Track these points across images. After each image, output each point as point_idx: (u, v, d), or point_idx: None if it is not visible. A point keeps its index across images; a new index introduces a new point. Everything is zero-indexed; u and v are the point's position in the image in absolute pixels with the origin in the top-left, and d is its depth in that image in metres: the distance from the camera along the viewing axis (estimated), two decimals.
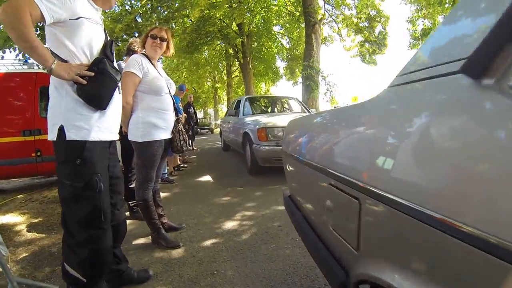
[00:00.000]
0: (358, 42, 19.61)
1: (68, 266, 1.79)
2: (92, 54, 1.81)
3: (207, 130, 28.75)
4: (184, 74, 29.33)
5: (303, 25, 15.27)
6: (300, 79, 15.37)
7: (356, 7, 17.05)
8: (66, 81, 1.71)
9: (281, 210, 3.77)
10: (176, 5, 17.20)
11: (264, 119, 6.25)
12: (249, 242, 2.95)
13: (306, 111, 8.55)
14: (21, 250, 3.11)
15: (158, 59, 3.13)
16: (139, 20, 16.61)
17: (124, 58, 4.19)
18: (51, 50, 1.72)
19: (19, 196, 5.57)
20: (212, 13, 18.13)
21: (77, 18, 1.69)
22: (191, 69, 27.04)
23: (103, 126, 1.85)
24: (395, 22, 17.29)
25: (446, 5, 13.28)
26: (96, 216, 1.78)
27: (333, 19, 18.80)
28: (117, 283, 2.28)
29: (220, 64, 30.43)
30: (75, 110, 1.72)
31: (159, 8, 17.03)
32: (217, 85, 35.89)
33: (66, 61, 1.71)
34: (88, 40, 1.77)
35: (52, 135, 1.72)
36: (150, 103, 2.82)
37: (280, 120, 6.06)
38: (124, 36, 15.74)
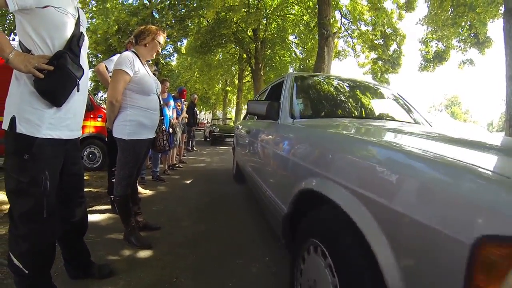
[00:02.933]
0: (371, 59, 19.55)
1: (12, 255, 1.78)
2: (55, 45, 1.75)
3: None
4: (196, 73, 29.46)
5: (317, 37, 15.21)
6: None
7: (373, 24, 17.00)
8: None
9: (262, 224, 3.75)
10: (195, 4, 17.37)
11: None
12: (218, 253, 2.89)
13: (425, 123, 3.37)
14: (1, 228, 3.13)
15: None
16: (156, 15, 16.75)
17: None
18: (19, 40, 1.71)
19: None
20: (228, 16, 18.24)
21: (44, 7, 1.65)
22: (203, 69, 27.13)
23: (59, 124, 1.80)
24: (408, 40, 17.19)
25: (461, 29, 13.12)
26: (38, 212, 1.75)
27: (348, 34, 18.79)
28: (76, 275, 2.27)
29: (233, 68, 30.50)
30: (29, 103, 1.69)
31: (177, 5, 17.20)
32: (227, 88, 35.97)
33: (29, 51, 1.68)
34: (52, 31, 1.72)
35: (5, 124, 1.69)
36: (139, 103, 2.82)
37: None
38: None
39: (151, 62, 3.24)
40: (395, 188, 1.04)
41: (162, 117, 3.12)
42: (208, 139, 18.63)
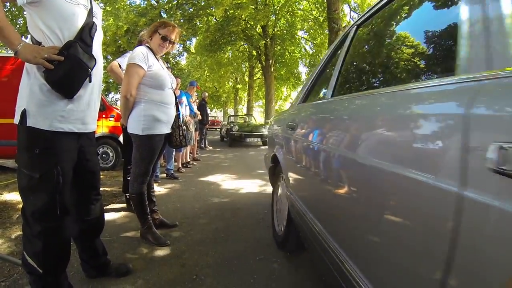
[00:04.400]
0: None
1: (26, 255, 1.73)
2: (65, 36, 1.69)
3: (257, 140, 14.12)
4: (206, 72, 29.49)
5: (327, 31, 15.11)
6: None
7: None
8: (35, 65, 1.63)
9: None
10: (202, 3, 17.35)
11: None
12: (237, 250, 2.82)
13: None
14: (17, 228, 3.12)
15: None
16: (164, 15, 16.76)
17: None
18: (30, 34, 1.67)
19: None
20: (236, 13, 18.20)
21: None
22: (213, 67, 27.14)
23: (71, 116, 1.75)
24: None
25: None
26: (51, 209, 1.70)
27: None
28: (93, 274, 2.22)
29: (243, 65, 30.45)
30: (40, 96, 1.64)
31: (184, 4, 17.19)
32: (238, 85, 35.91)
33: (40, 43, 1.64)
34: (61, 22, 1.67)
35: (16, 118, 1.65)
36: (153, 97, 2.76)
37: None
38: None
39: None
40: None
41: (178, 112, 3.05)
42: (225, 139, 15.93)
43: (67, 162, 1.78)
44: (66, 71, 1.65)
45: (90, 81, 1.81)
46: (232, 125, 14.48)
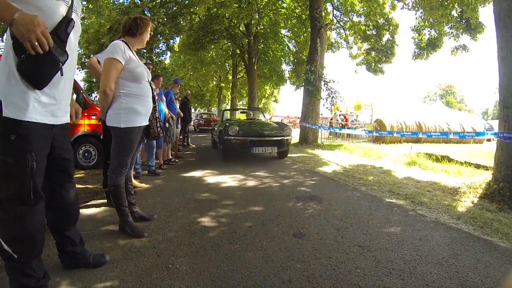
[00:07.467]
0: (364, 50, 19.51)
1: (2, 240, 1.77)
2: None
3: (271, 149, 8.13)
4: (189, 71, 29.39)
5: (310, 29, 15.21)
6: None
7: (365, 15, 16.99)
8: (12, 55, 1.67)
9: (257, 211, 3.76)
10: (186, 1, 17.34)
11: None
12: (213, 240, 2.90)
13: None
14: None
15: None
16: (147, 14, 16.68)
17: None
18: (9, 30, 1.69)
19: None
20: (220, 12, 18.21)
21: None
22: (196, 66, 27.07)
23: (42, 109, 1.80)
24: (401, 29, 17.10)
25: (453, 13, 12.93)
26: (25, 194, 1.75)
27: (341, 25, 18.78)
28: (71, 264, 2.28)
29: (226, 63, 30.43)
30: (15, 87, 1.68)
31: (168, 3, 17.15)
32: (221, 84, 35.85)
33: (13, 37, 1.66)
34: (40, 16, 1.65)
35: None
36: (132, 90, 2.84)
37: None
38: None
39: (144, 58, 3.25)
40: None
41: (155, 104, 3.11)
42: (219, 146, 9.74)
43: (41, 150, 1.84)
44: (38, 63, 1.69)
45: (62, 74, 1.85)
46: (227, 126, 8.08)
